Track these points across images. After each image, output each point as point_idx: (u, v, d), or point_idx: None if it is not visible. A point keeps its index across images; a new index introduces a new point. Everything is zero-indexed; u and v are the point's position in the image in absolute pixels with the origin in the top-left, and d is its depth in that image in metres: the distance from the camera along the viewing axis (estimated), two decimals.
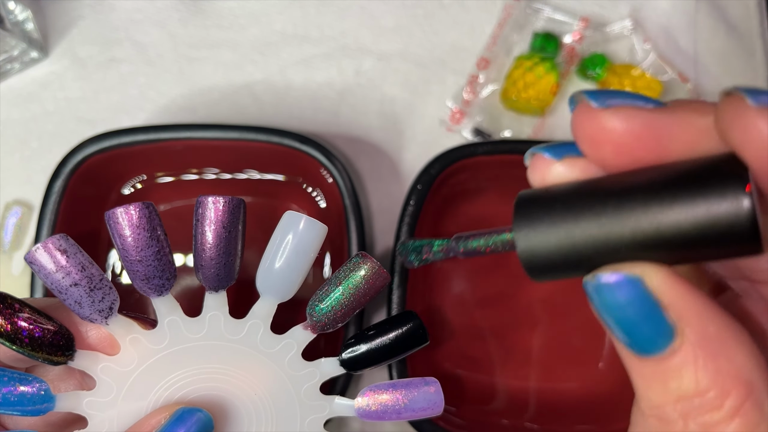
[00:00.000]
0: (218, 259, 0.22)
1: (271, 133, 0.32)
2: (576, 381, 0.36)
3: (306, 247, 0.22)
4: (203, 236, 0.21)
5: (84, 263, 0.20)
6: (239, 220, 0.22)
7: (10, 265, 0.36)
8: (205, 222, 0.21)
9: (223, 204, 0.21)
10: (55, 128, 0.37)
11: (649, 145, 0.13)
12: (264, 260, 0.22)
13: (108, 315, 0.21)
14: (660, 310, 0.12)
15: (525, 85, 0.35)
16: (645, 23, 0.38)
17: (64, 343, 0.20)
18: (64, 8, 0.38)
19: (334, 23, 0.38)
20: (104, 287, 0.20)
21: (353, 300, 0.22)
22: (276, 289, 0.22)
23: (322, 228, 0.22)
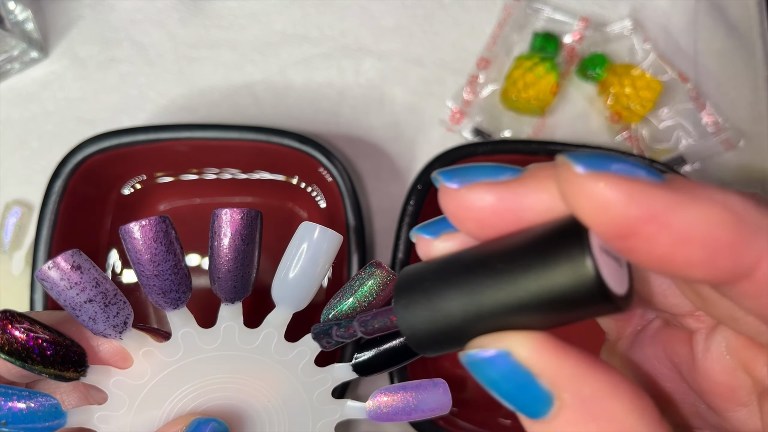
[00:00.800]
0: (235, 272, 0.22)
1: (271, 133, 0.32)
2: None
3: (321, 256, 0.22)
4: (220, 249, 0.21)
5: (98, 279, 0.20)
6: (256, 231, 0.22)
7: (10, 265, 0.36)
8: (222, 234, 0.21)
9: (241, 216, 0.21)
10: (55, 128, 0.37)
11: (507, 217, 0.14)
12: (279, 270, 0.22)
13: (122, 330, 0.20)
14: (533, 379, 0.13)
15: (525, 85, 0.35)
16: (645, 23, 0.38)
17: (76, 359, 0.20)
18: (64, 8, 0.38)
19: (334, 23, 0.38)
20: (119, 302, 0.20)
21: (367, 308, 0.22)
22: (291, 299, 0.23)
23: (337, 238, 0.22)
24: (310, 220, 0.36)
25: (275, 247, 0.36)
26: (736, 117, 0.38)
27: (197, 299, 0.23)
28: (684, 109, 0.38)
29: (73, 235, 0.32)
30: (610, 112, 0.37)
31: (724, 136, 0.37)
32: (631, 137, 0.37)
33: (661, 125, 0.38)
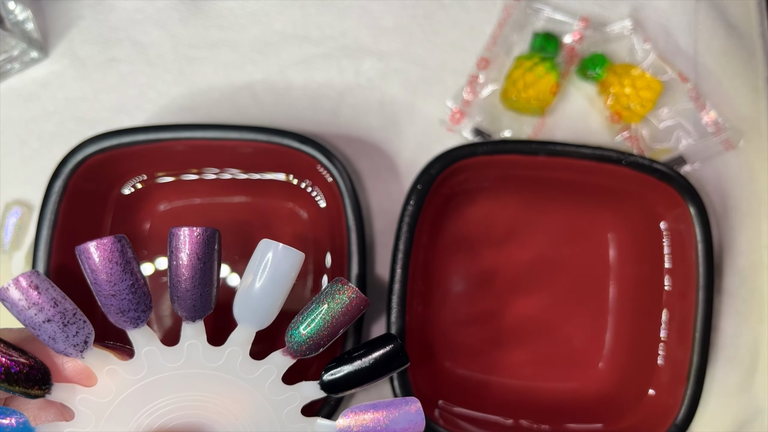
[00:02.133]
0: (194, 291, 0.22)
1: (271, 133, 0.32)
2: (576, 381, 0.36)
3: (282, 275, 0.22)
4: (178, 268, 0.21)
5: (56, 298, 0.20)
6: (214, 250, 0.22)
7: (10, 265, 0.36)
8: (180, 254, 0.21)
9: (197, 235, 0.21)
10: (55, 128, 0.37)
11: None
12: (240, 288, 0.22)
13: (83, 349, 0.21)
14: None
15: (525, 85, 0.35)
16: (645, 23, 0.38)
17: (40, 377, 0.20)
18: (64, 8, 0.38)
19: (334, 23, 0.38)
20: (78, 321, 0.20)
21: (332, 326, 0.22)
22: (253, 318, 0.22)
23: (299, 255, 0.22)
24: (311, 219, 0.36)
25: None
26: (736, 117, 0.38)
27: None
28: (684, 109, 0.38)
29: (73, 235, 0.32)
30: (610, 111, 0.37)
31: (724, 136, 0.37)
32: (631, 137, 0.37)
33: (661, 125, 0.38)
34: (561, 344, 0.36)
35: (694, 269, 0.33)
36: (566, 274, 0.37)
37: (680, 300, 0.34)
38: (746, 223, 0.38)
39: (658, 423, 0.33)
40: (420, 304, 0.35)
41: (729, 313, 0.37)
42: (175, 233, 0.21)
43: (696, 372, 0.32)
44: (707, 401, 0.37)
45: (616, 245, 0.37)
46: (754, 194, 0.38)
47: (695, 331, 0.32)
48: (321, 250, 0.36)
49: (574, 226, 0.37)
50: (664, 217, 0.35)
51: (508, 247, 0.37)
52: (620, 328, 0.36)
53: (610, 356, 0.36)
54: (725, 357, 0.37)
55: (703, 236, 0.32)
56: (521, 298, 0.36)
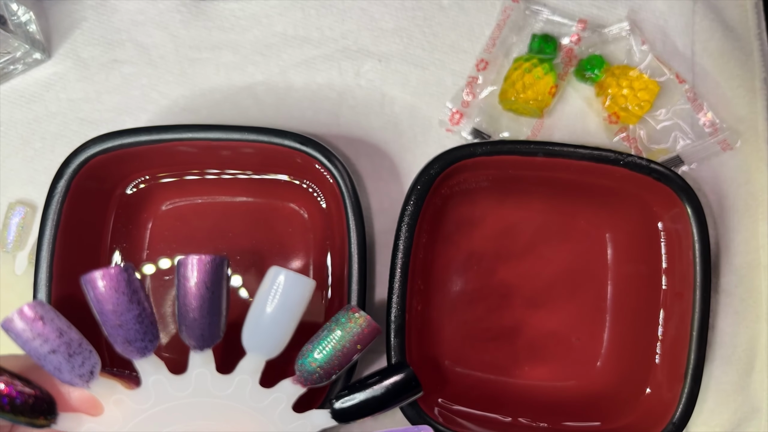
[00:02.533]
0: (202, 320, 0.21)
1: (272, 134, 0.32)
2: (574, 379, 0.36)
3: (292, 303, 0.21)
4: (186, 297, 0.21)
5: (62, 328, 0.20)
6: (223, 278, 0.21)
7: (13, 264, 0.37)
8: (188, 282, 0.21)
9: (206, 264, 0.20)
10: (58, 129, 0.38)
11: None
12: (249, 317, 0.22)
13: (89, 379, 0.20)
14: None
15: (523, 86, 0.36)
16: (642, 25, 0.39)
17: (45, 407, 0.19)
18: (66, 10, 0.38)
19: (334, 25, 0.38)
20: (83, 351, 0.20)
21: (343, 355, 0.22)
22: (263, 348, 0.22)
23: (309, 283, 0.22)
24: (311, 219, 0.36)
25: (276, 247, 0.37)
26: (734, 118, 0.38)
27: None
28: (681, 109, 0.38)
29: (76, 235, 0.33)
30: (608, 112, 0.37)
31: (721, 137, 0.37)
32: (628, 138, 0.38)
33: (659, 126, 0.38)
34: (559, 343, 0.37)
35: (692, 269, 0.33)
36: (564, 273, 0.37)
37: (678, 299, 0.34)
38: (743, 223, 0.38)
39: (655, 421, 0.33)
40: (419, 303, 0.35)
41: (726, 312, 0.38)
42: (183, 262, 0.21)
43: (693, 370, 0.32)
44: (704, 400, 0.37)
45: (613, 245, 0.37)
46: (751, 194, 0.38)
47: (692, 330, 0.32)
48: (321, 250, 0.36)
49: (572, 226, 0.37)
50: (661, 217, 0.35)
51: (507, 246, 0.37)
52: (618, 327, 0.36)
53: (608, 355, 0.36)
54: (722, 356, 0.37)
55: (700, 236, 0.33)
56: (519, 297, 0.37)
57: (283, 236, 0.36)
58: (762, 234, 0.38)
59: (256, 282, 0.36)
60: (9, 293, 0.36)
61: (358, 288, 0.32)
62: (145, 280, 0.36)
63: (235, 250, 0.36)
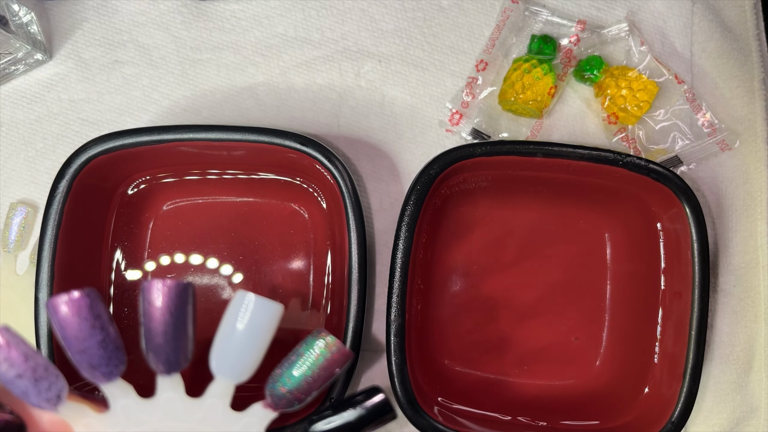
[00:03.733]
0: (167, 346, 0.21)
1: (273, 135, 0.32)
2: (574, 378, 0.36)
3: (260, 328, 0.21)
4: (150, 322, 0.21)
5: (28, 353, 0.20)
6: (188, 303, 0.21)
7: (14, 264, 0.37)
8: (151, 307, 0.20)
9: (171, 289, 0.20)
10: (60, 129, 0.38)
11: None
12: (217, 342, 0.22)
13: (56, 403, 0.20)
14: None
15: (523, 87, 0.36)
16: (641, 25, 0.39)
17: (16, 431, 0.20)
18: (68, 11, 0.38)
19: (335, 26, 0.38)
20: (50, 376, 0.20)
21: (314, 381, 0.22)
22: (232, 372, 0.22)
23: (277, 308, 0.21)
24: (312, 219, 0.36)
25: (276, 247, 0.37)
26: (732, 118, 0.38)
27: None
28: (680, 110, 0.38)
29: (77, 235, 0.33)
30: (607, 113, 0.38)
31: (719, 137, 0.38)
32: (627, 138, 0.38)
33: (658, 126, 0.38)
34: (558, 342, 0.37)
35: (690, 268, 0.33)
36: (564, 273, 0.37)
37: (676, 299, 0.34)
38: (742, 223, 0.38)
39: (654, 420, 0.33)
40: (419, 303, 0.35)
41: (724, 311, 0.38)
42: (146, 287, 0.20)
43: (692, 370, 0.32)
44: (703, 399, 0.37)
45: (612, 245, 0.37)
46: (749, 194, 0.38)
47: (691, 329, 0.32)
48: (322, 250, 0.36)
49: (572, 226, 0.37)
50: (660, 217, 0.35)
51: (506, 246, 0.37)
52: (617, 327, 0.37)
53: (607, 354, 0.36)
54: (721, 355, 0.37)
55: (698, 236, 0.33)
56: (519, 296, 0.37)
57: (284, 236, 0.36)
58: (760, 234, 0.38)
59: (257, 282, 0.36)
60: (10, 293, 0.36)
61: (358, 288, 0.32)
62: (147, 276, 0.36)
63: (235, 250, 0.36)
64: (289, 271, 0.36)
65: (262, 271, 0.36)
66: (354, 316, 0.32)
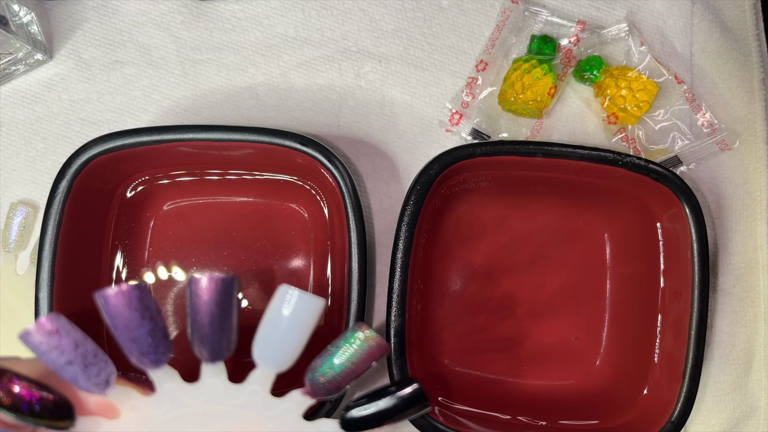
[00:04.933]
0: (212, 336, 0.22)
1: (273, 135, 0.32)
2: (573, 378, 0.36)
3: (302, 322, 0.22)
4: (197, 314, 0.21)
5: (78, 340, 0.20)
6: (233, 296, 0.22)
7: (15, 264, 0.37)
8: (199, 300, 0.21)
9: (217, 283, 0.21)
10: (60, 129, 0.38)
11: None
12: (260, 333, 0.22)
13: (105, 387, 0.21)
14: None
15: (523, 87, 0.36)
16: (641, 26, 0.39)
17: (64, 412, 0.20)
18: (68, 11, 0.38)
19: (335, 26, 0.38)
20: (99, 362, 0.21)
21: (352, 371, 0.23)
22: (273, 362, 0.23)
23: (318, 303, 0.22)
24: (312, 219, 0.36)
25: (277, 247, 0.37)
26: (732, 118, 0.38)
27: None
28: (680, 110, 0.38)
29: (77, 235, 0.33)
30: (607, 113, 0.38)
31: (719, 137, 0.38)
32: (627, 138, 0.38)
33: (657, 126, 0.38)
34: (558, 342, 0.37)
35: (690, 268, 0.33)
36: (563, 273, 0.37)
37: (676, 298, 0.34)
38: (741, 223, 0.38)
39: (654, 420, 0.33)
40: (419, 303, 0.35)
41: (724, 311, 0.38)
42: (195, 280, 0.21)
43: (691, 370, 0.32)
44: (703, 399, 0.37)
45: (612, 245, 0.37)
46: (749, 194, 0.38)
47: (691, 329, 0.33)
48: (322, 250, 0.36)
49: (571, 226, 0.37)
50: (659, 217, 0.35)
51: (506, 246, 0.37)
52: (617, 327, 0.37)
53: (607, 354, 0.36)
54: (720, 355, 0.38)
55: (698, 236, 0.33)
56: (518, 296, 0.37)
57: (284, 236, 0.36)
58: (760, 234, 0.38)
59: (257, 282, 0.36)
60: (10, 293, 0.36)
61: (358, 287, 0.32)
62: (145, 277, 0.36)
63: (236, 250, 0.36)
64: (289, 270, 0.36)
65: (263, 271, 0.36)
66: (354, 316, 0.32)
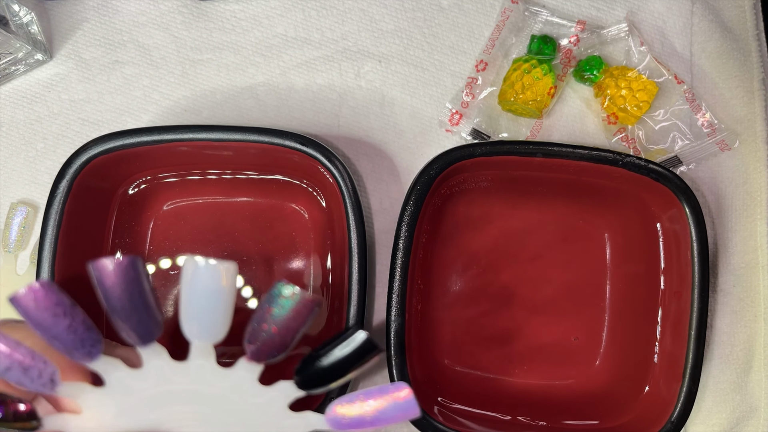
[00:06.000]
0: (129, 321, 0.21)
1: (273, 135, 0.32)
2: (573, 378, 0.36)
3: (213, 291, 0.21)
4: (106, 302, 0.21)
5: (10, 344, 0.20)
6: (137, 277, 0.21)
7: (14, 264, 0.37)
8: (102, 288, 0.21)
9: (115, 266, 0.20)
10: (60, 129, 0.38)
11: None
12: (181, 310, 0.22)
13: (52, 386, 0.21)
14: None
15: (522, 87, 0.36)
16: (641, 26, 0.39)
17: (25, 417, 0.21)
18: (68, 11, 0.38)
19: (335, 26, 0.38)
20: (37, 364, 0.20)
21: (283, 329, 0.22)
22: (201, 335, 0.22)
23: (222, 269, 0.21)
24: (312, 219, 0.36)
25: (277, 247, 0.37)
26: (732, 118, 0.38)
27: None
28: (680, 110, 0.38)
29: (78, 234, 0.33)
30: (607, 113, 0.38)
31: (719, 137, 0.38)
32: (627, 138, 0.38)
33: (657, 126, 0.38)
34: (558, 342, 0.37)
35: (690, 268, 0.33)
36: (563, 273, 0.37)
37: (676, 298, 0.34)
38: (741, 223, 0.38)
39: (654, 420, 0.33)
40: (419, 302, 0.35)
41: (724, 311, 0.38)
42: (90, 268, 0.20)
43: (691, 370, 0.32)
44: (703, 399, 0.37)
45: (612, 245, 0.37)
46: (748, 194, 0.38)
47: (691, 329, 0.33)
48: (322, 250, 0.36)
49: (571, 226, 0.37)
50: (659, 217, 0.35)
51: (506, 246, 0.37)
52: (617, 327, 0.37)
53: (607, 354, 0.37)
54: (720, 355, 0.38)
55: (698, 236, 0.33)
56: (518, 296, 0.37)
57: (284, 236, 0.36)
58: (760, 234, 0.38)
59: (258, 282, 0.36)
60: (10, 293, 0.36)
61: (358, 288, 0.32)
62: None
63: (236, 250, 0.36)
64: (289, 271, 0.36)
65: (262, 271, 0.36)
66: (354, 316, 0.32)
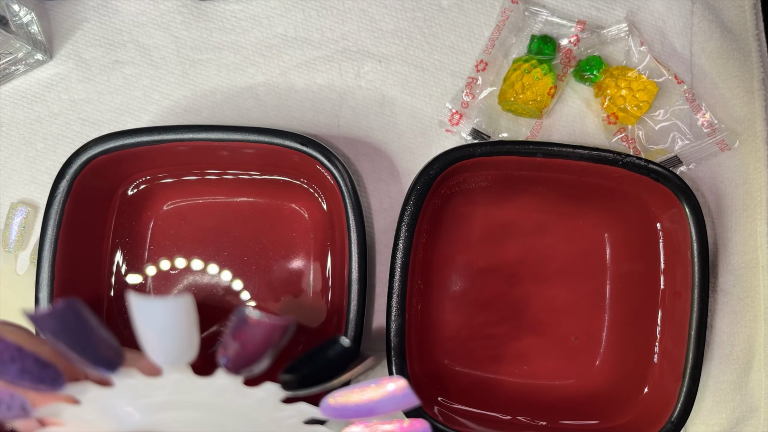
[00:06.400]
0: (86, 359, 0.21)
1: (273, 135, 0.32)
2: (573, 378, 0.36)
3: (165, 327, 0.20)
4: (58, 346, 0.20)
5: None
6: (79, 318, 0.20)
7: (15, 264, 0.37)
8: (46, 337, 0.20)
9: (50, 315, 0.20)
10: (60, 129, 0.38)
11: None
12: (141, 344, 0.21)
13: (23, 415, 0.20)
14: None
15: (522, 87, 0.36)
16: (641, 26, 0.39)
17: None
18: (68, 11, 0.38)
19: (335, 26, 0.38)
20: (4, 397, 0.20)
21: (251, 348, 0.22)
22: (167, 362, 0.22)
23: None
24: (312, 219, 0.36)
25: (277, 247, 0.37)
26: (732, 118, 0.38)
27: None
28: (680, 110, 0.38)
29: (77, 235, 0.33)
30: (607, 113, 0.38)
31: (719, 137, 0.38)
32: (627, 138, 0.38)
33: (657, 126, 0.38)
34: (558, 342, 0.37)
35: (690, 268, 0.33)
36: (563, 273, 0.37)
37: (676, 299, 0.34)
38: (741, 223, 0.38)
39: (654, 420, 0.33)
40: (419, 303, 0.35)
41: (724, 311, 0.38)
42: (30, 320, 0.20)
43: (691, 369, 0.32)
44: (703, 399, 0.37)
45: (612, 245, 0.37)
46: (748, 194, 0.38)
47: (690, 329, 0.33)
48: (322, 250, 0.36)
49: (571, 226, 0.37)
50: (659, 217, 0.35)
51: (506, 246, 0.37)
52: (617, 327, 0.37)
53: (607, 354, 0.37)
54: (720, 355, 0.38)
55: (698, 236, 0.33)
56: (518, 296, 0.37)
57: (284, 236, 0.36)
58: (760, 234, 0.38)
59: (257, 282, 0.36)
60: (10, 293, 0.36)
61: (358, 288, 0.32)
62: (147, 280, 0.36)
63: (236, 250, 0.36)
64: (290, 271, 0.36)
65: (263, 271, 0.36)
66: (354, 316, 0.32)
